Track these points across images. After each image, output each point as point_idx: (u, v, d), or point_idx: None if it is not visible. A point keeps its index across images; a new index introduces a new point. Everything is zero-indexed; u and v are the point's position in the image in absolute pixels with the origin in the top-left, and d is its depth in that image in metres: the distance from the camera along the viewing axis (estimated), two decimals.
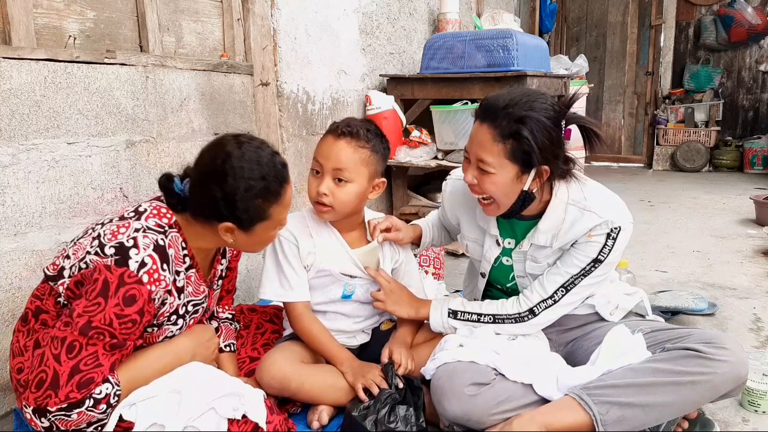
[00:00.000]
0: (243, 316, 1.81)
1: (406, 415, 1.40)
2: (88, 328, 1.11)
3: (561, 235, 1.49)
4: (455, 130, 3.10)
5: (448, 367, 1.43)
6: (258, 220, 1.26)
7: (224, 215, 1.23)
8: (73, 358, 1.10)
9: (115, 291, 1.12)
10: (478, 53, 3.10)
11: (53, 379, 1.09)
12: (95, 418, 1.13)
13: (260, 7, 2.42)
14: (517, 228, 1.59)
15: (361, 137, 1.54)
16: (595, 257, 1.46)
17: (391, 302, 1.62)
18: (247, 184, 1.22)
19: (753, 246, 3.31)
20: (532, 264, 1.56)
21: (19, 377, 1.21)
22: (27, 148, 1.55)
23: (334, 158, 1.52)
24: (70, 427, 1.11)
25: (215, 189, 1.22)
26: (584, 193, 1.49)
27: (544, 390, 1.40)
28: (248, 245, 1.34)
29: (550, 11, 6.09)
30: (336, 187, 1.53)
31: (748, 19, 6.05)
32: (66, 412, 1.10)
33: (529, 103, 1.37)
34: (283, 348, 1.60)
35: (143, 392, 1.20)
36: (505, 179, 1.41)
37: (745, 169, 6.15)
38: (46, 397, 1.09)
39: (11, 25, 1.54)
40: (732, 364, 1.36)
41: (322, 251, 1.60)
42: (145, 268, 1.15)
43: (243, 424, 1.19)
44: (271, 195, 1.26)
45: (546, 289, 1.52)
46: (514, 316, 1.53)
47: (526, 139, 1.35)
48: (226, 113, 2.27)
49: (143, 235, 1.18)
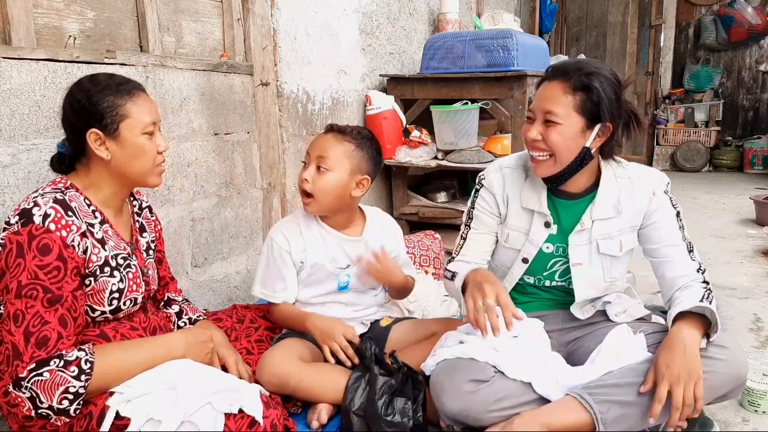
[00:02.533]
0: (236, 312, 1.82)
1: (404, 408, 1.41)
2: (20, 288, 1.16)
3: (624, 205, 1.54)
4: (455, 130, 3.10)
5: (448, 363, 1.43)
6: (119, 118, 1.30)
7: (87, 123, 1.28)
8: (20, 325, 1.15)
9: (29, 246, 1.18)
10: (478, 53, 3.10)
11: (14, 350, 1.15)
12: (71, 384, 1.15)
13: (260, 7, 2.42)
14: (566, 212, 1.58)
15: (348, 134, 1.66)
16: (675, 212, 1.56)
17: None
18: (97, 86, 1.30)
19: (753, 246, 3.31)
20: (606, 242, 1.55)
21: (6, 399, 1.21)
22: (27, 148, 1.55)
23: (318, 148, 1.64)
24: (49, 392, 1.13)
25: (73, 104, 1.30)
26: (626, 167, 1.59)
27: (543, 389, 1.40)
28: (126, 158, 1.32)
29: (550, 11, 6.09)
30: (317, 175, 1.63)
31: (748, 19, 6.05)
32: (37, 372, 1.13)
33: (596, 65, 1.48)
34: (282, 345, 1.61)
35: (138, 389, 1.20)
36: (571, 131, 1.45)
37: (745, 169, 6.15)
38: (15, 367, 1.13)
39: (11, 25, 1.54)
40: (730, 364, 1.36)
41: (312, 247, 1.70)
42: (50, 218, 1.20)
43: (240, 419, 1.19)
44: (122, 89, 1.32)
45: (684, 263, 1.52)
46: (706, 292, 1.47)
47: (597, 90, 1.42)
48: (226, 113, 2.27)
49: (41, 197, 1.24)
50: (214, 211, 2.24)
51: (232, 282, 2.37)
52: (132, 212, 1.50)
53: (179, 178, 2.07)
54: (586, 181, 1.56)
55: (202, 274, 2.20)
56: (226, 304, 2.27)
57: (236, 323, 1.75)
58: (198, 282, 2.18)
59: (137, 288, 1.38)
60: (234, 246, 2.35)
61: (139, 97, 1.34)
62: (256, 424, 1.20)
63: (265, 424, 1.21)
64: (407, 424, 1.40)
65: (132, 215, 1.49)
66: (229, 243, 2.33)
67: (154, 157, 1.36)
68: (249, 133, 2.40)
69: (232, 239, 2.34)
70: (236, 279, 2.38)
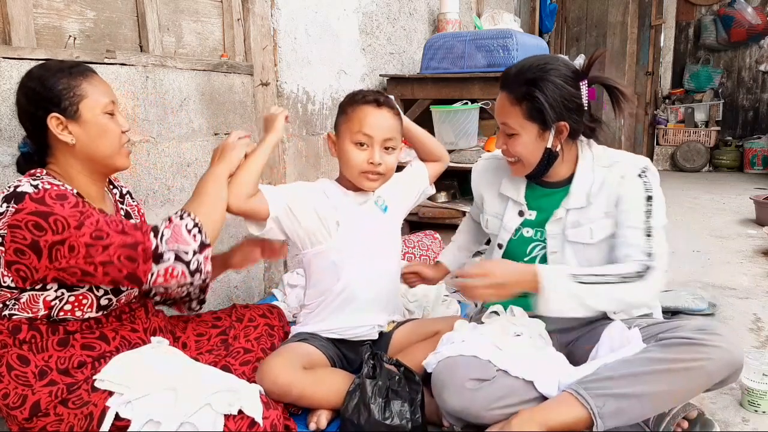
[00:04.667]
0: (236, 311, 1.82)
1: (401, 411, 1.40)
2: (79, 224, 1.17)
3: (594, 194, 1.55)
4: (455, 130, 3.10)
5: (450, 360, 1.43)
6: (77, 99, 1.28)
7: (46, 108, 1.26)
8: (108, 234, 1.19)
9: (45, 204, 1.17)
10: (478, 53, 3.10)
11: (127, 246, 1.19)
12: (185, 222, 1.26)
13: (260, 7, 2.42)
14: (546, 200, 1.62)
15: (393, 105, 1.65)
16: (645, 195, 1.52)
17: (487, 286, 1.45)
18: (48, 71, 1.28)
19: (753, 246, 3.31)
20: (574, 231, 1.57)
21: (6, 402, 1.23)
22: None
23: (384, 129, 1.60)
24: (182, 239, 1.23)
25: (28, 93, 1.27)
26: (607, 152, 1.60)
27: (545, 388, 1.40)
28: (90, 139, 1.30)
29: (550, 11, 6.09)
30: (385, 155, 1.61)
31: (748, 19, 6.06)
32: (160, 234, 1.22)
33: (539, 66, 1.49)
34: (284, 352, 1.57)
35: (138, 390, 1.20)
36: (529, 139, 1.51)
37: (745, 169, 6.15)
38: (143, 250, 1.20)
39: (11, 25, 1.54)
40: (724, 349, 1.36)
41: (344, 214, 1.66)
42: (39, 184, 1.20)
43: (239, 419, 1.19)
44: (74, 72, 1.29)
45: (634, 244, 1.49)
46: (634, 275, 1.46)
47: (537, 99, 1.46)
48: (226, 113, 2.27)
49: (17, 181, 1.23)
50: None
51: (232, 282, 2.36)
52: (115, 201, 1.49)
53: (179, 178, 2.07)
54: (567, 171, 1.60)
55: None
56: (226, 304, 2.27)
57: (235, 322, 1.75)
58: None
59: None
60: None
61: (93, 78, 1.32)
62: (256, 425, 1.20)
63: (265, 425, 1.21)
64: (406, 427, 1.40)
65: (115, 204, 1.48)
66: (228, 243, 2.32)
67: (119, 135, 1.34)
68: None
69: (232, 239, 2.34)
70: (236, 279, 2.38)
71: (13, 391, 1.23)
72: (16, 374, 1.23)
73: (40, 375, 1.24)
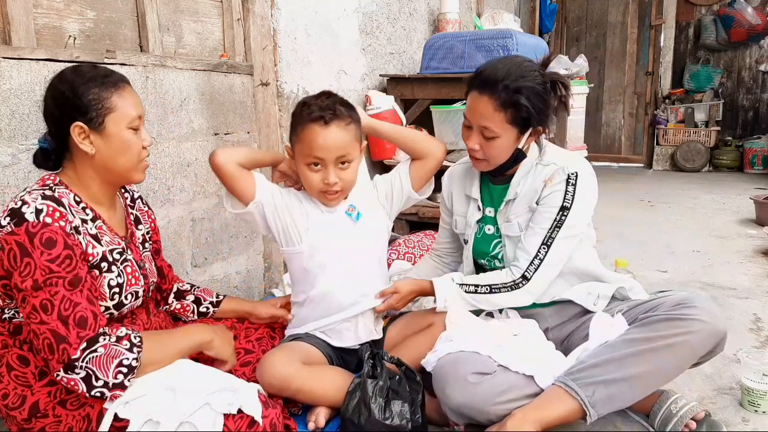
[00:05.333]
0: None
1: (401, 411, 1.41)
2: (37, 285, 1.14)
3: (522, 189, 1.59)
4: (455, 130, 3.10)
5: (452, 356, 1.44)
6: (104, 112, 1.26)
7: (71, 116, 1.24)
8: (51, 312, 1.14)
9: (32, 244, 1.15)
10: (478, 53, 3.10)
11: (55, 336, 1.13)
12: (124, 357, 1.17)
13: (260, 7, 2.42)
14: (497, 195, 1.67)
15: (344, 115, 1.53)
16: (560, 205, 1.54)
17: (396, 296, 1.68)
18: (81, 77, 1.26)
19: (753, 246, 3.31)
20: (506, 225, 1.63)
21: (5, 402, 1.24)
22: (27, 148, 1.55)
23: (334, 148, 1.51)
24: (105, 367, 1.15)
25: (56, 96, 1.25)
26: (550, 150, 1.63)
27: (546, 382, 1.41)
28: (111, 153, 1.29)
29: (550, 11, 6.09)
30: (341, 171, 1.55)
31: (748, 19, 6.05)
32: (91, 349, 1.14)
33: (521, 72, 1.51)
34: (284, 348, 1.60)
35: (137, 390, 1.20)
36: (507, 142, 1.55)
37: (745, 169, 6.15)
38: (63, 351, 1.13)
39: (11, 25, 1.55)
40: (705, 321, 1.38)
41: (314, 224, 1.63)
42: (43, 213, 1.18)
43: (239, 419, 1.19)
44: (107, 82, 1.28)
45: (528, 250, 1.56)
46: (510, 284, 1.57)
47: (524, 107, 1.49)
48: (226, 113, 2.27)
49: (28, 194, 1.21)
50: (214, 211, 2.24)
51: (232, 282, 2.36)
52: (125, 205, 1.48)
53: (179, 178, 2.07)
54: (514, 167, 1.64)
55: (202, 274, 2.20)
56: None
57: (236, 322, 1.75)
58: (198, 282, 2.17)
59: (136, 282, 1.37)
60: (234, 246, 2.35)
61: (124, 90, 1.31)
62: (255, 424, 1.20)
63: (265, 424, 1.21)
64: (406, 427, 1.40)
65: (125, 208, 1.48)
66: (229, 243, 2.33)
67: (139, 151, 1.33)
68: (249, 133, 2.40)
69: (232, 239, 2.34)
70: (236, 279, 2.38)
71: (12, 391, 1.23)
72: (15, 374, 1.24)
73: (40, 375, 1.24)
